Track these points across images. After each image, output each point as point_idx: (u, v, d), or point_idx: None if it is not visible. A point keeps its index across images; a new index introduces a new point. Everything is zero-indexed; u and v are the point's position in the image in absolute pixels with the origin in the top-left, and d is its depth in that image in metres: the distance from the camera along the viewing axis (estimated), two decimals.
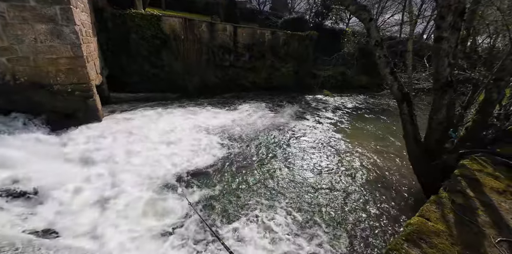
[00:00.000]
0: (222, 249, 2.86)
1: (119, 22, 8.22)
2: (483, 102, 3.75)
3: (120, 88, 8.73)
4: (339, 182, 4.80)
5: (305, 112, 9.78)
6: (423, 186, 4.39)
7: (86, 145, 4.94)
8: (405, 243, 2.00)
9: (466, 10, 3.54)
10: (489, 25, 5.92)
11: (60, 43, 5.01)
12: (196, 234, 3.16)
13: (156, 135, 5.82)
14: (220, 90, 11.10)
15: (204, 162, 4.99)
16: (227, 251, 2.13)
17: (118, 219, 3.22)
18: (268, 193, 4.25)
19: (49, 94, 5.27)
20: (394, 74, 4.01)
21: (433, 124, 3.78)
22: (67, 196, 3.44)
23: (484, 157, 3.44)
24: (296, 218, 3.66)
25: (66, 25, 4.92)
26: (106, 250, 2.74)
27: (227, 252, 2.13)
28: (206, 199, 3.92)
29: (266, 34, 11.73)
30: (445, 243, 2.01)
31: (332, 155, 5.96)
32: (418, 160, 4.30)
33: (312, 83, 14.17)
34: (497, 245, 1.99)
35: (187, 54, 9.89)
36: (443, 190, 2.72)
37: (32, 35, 4.74)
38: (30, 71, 4.99)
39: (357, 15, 4.19)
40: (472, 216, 2.32)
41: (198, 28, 9.78)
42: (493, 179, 2.95)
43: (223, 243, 2.20)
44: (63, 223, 3.02)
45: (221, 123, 7.25)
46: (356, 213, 3.94)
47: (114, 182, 3.91)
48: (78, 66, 5.36)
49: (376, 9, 17.52)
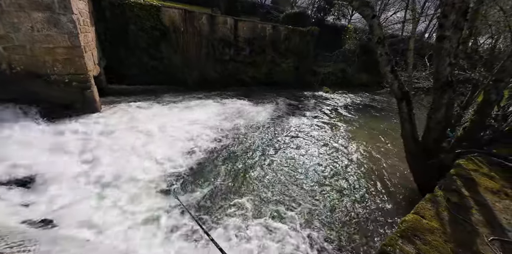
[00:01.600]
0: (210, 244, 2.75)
1: (117, 12, 8.05)
2: (481, 103, 3.78)
3: (118, 80, 8.61)
4: (334, 177, 4.84)
5: (304, 108, 9.77)
6: (419, 184, 4.46)
7: (83, 135, 4.91)
8: (400, 240, 2.04)
9: (469, 10, 3.51)
10: (491, 26, 5.90)
11: (57, 32, 4.90)
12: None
13: (155, 128, 5.79)
14: (220, 85, 11.00)
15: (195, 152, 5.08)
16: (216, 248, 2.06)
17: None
18: (260, 186, 4.29)
19: (46, 84, 5.19)
20: (395, 72, 4.00)
21: (431, 124, 3.80)
22: (63, 185, 3.44)
23: (480, 157, 3.48)
24: (292, 214, 3.70)
25: (64, 13, 4.81)
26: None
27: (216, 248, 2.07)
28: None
29: (267, 29, 11.58)
30: (439, 241, 2.05)
31: (328, 151, 5.99)
32: (415, 158, 4.34)
33: (312, 80, 14.11)
34: (489, 243, 2.03)
35: (186, 47, 9.75)
36: (439, 189, 2.76)
37: (28, 23, 4.63)
38: (26, 60, 4.89)
39: (360, 11, 4.14)
40: (466, 215, 2.36)
41: (198, 20, 9.62)
42: (488, 179, 2.99)
43: (212, 239, 2.12)
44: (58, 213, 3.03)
45: (216, 119, 7.17)
46: (352, 208, 3.99)
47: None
48: (76, 56, 5.26)
49: (379, 6, 17.34)
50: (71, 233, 2.74)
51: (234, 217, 3.47)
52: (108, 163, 4.19)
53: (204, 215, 3.45)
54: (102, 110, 6.26)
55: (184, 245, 2.90)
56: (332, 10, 15.31)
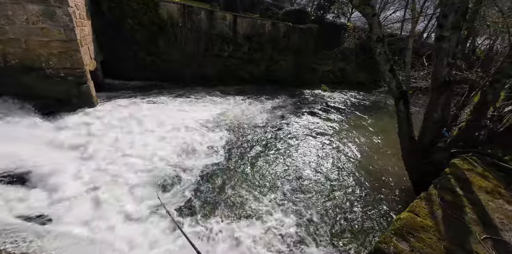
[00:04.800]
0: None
1: (114, 5, 7.91)
2: (478, 104, 3.81)
3: (115, 75, 8.50)
4: (330, 176, 4.87)
5: (302, 106, 9.77)
6: (414, 183, 4.51)
7: (79, 130, 4.87)
8: (394, 237, 2.07)
9: (468, 10, 3.52)
10: (490, 27, 5.93)
11: (53, 25, 4.81)
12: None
13: (150, 123, 5.75)
14: (218, 81, 10.94)
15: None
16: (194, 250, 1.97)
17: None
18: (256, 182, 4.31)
19: (41, 78, 5.11)
20: (393, 71, 4.01)
21: (428, 123, 3.83)
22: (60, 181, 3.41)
23: (474, 157, 3.53)
24: (287, 211, 3.73)
25: (59, 6, 4.71)
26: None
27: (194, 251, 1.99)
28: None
29: (267, 25, 11.49)
30: (433, 238, 2.08)
31: (324, 149, 6.02)
32: (411, 157, 4.38)
33: (311, 78, 14.09)
34: (482, 241, 2.07)
35: (184, 43, 9.66)
36: (433, 187, 2.80)
37: (23, 16, 4.53)
38: (21, 53, 4.81)
39: (360, 9, 4.12)
40: (459, 213, 2.40)
41: (196, 15, 9.50)
42: (482, 179, 3.04)
43: (191, 241, 2.03)
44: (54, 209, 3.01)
45: (211, 116, 7.14)
46: (347, 206, 4.03)
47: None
48: (72, 50, 5.18)
49: (379, 4, 17.30)
50: (67, 229, 2.73)
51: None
52: (103, 157, 4.17)
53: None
54: (98, 105, 6.19)
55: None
56: (332, 8, 15.23)
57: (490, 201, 2.64)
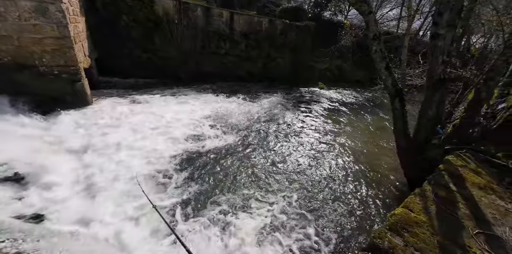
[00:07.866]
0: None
1: (109, 1, 7.80)
2: (472, 101, 3.86)
3: (110, 72, 8.41)
4: (326, 172, 4.91)
5: (299, 104, 9.79)
6: (409, 179, 4.57)
7: (73, 129, 4.83)
8: (389, 232, 2.10)
9: (463, 8, 3.54)
10: (484, 25, 5.98)
11: (45, 22, 4.73)
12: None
13: (145, 122, 5.72)
14: (214, 79, 10.88)
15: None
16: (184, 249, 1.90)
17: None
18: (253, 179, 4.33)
19: (34, 76, 5.04)
20: (389, 69, 4.03)
21: (423, 121, 3.87)
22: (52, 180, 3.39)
23: (468, 153, 3.58)
24: (284, 207, 3.76)
25: (52, 2, 4.63)
26: None
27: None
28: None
29: (264, 23, 11.44)
30: (426, 233, 2.12)
31: (320, 146, 6.05)
32: (406, 154, 4.44)
33: (308, 76, 14.09)
34: (474, 236, 2.11)
35: (180, 40, 9.57)
36: (427, 184, 2.84)
37: (15, 12, 4.45)
38: (14, 51, 4.73)
39: (357, 7, 4.12)
40: (453, 209, 2.44)
41: (193, 12, 9.41)
42: (475, 175, 3.09)
43: (180, 239, 1.98)
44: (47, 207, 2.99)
45: (208, 113, 7.13)
46: (343, 202, 4.07)
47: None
48: (65, 47, 5.10)
49: (375, 2, 17.32)
50: (62, 228, 2.72)
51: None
52: (97, 155, 4.15)
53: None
54: (93, 103, 6.13)
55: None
56: (329, 6, 15.21)
57: (483, 197, 2.69)
